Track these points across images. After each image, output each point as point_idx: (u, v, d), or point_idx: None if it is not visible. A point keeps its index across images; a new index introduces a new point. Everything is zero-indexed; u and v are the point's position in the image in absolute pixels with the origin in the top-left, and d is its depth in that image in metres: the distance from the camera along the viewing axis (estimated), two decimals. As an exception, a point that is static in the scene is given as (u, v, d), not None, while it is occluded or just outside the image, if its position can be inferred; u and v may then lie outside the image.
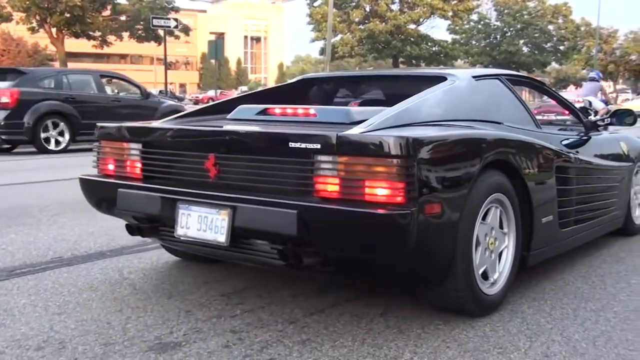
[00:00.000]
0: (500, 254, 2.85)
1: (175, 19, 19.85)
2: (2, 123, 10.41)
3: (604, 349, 2.41)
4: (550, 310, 2.83)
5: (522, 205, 2.91)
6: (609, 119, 4.62)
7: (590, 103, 13.81)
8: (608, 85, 61.49)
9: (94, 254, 3.74)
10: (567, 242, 3.44)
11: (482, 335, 2.52)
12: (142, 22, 28.71)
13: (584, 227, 3.62)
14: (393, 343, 2.42)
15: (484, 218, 2.70)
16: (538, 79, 4.50)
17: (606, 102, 14.97)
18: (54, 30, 27.51)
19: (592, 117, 11.61)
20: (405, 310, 2.77)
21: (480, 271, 2.69)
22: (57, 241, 4.04)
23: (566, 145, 3.60)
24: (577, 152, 3.63)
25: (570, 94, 20.49)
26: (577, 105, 13.20)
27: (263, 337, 2.46)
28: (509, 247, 2.89)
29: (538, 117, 3.72)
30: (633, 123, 4.54)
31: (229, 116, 3.31)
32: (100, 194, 3.15)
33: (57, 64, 33.72)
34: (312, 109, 2.99)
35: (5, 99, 10.49)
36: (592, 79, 15.04)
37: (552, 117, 12.25)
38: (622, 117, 4.58)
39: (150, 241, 3.93)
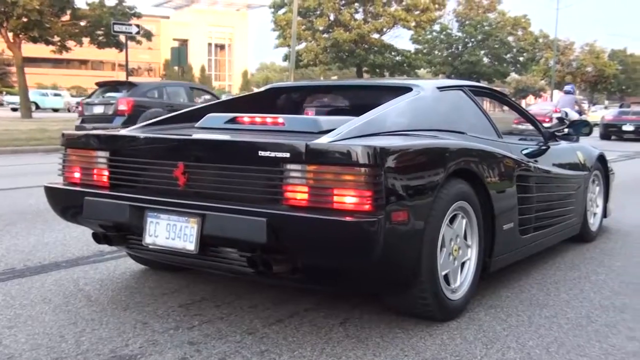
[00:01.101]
0: (462, 265, 2.91)
1: (137, 25, 19.63)
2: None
3: (556, 355, 2.45)
4: (506, 317, 2.87)
5: (484, 212, 2.98)
6: (566, 130, 4.74)
7: (566, 114, 14.98)
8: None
9: (49, 264, 3.65)
10: (527, 248, 3.53)
11: (439, 343, 2.54)
12: (103, 28, 28.25)
13: (543, 234, 3.71)
14: (352, 352, 2.42)
15: (451, 222, 2.77)
16: (499, 89, 4.59)
17: (580, 113, 16.26)
18: (10, 34, 26.89)
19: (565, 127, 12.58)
20: (365, 320, 2.78)
21: (443, 273, 2.74)
22: (10, 252, 3.93)
23: (526, 155, 3.69)
24: (536, 161, 3.72)
25: (548, 104, 21.28)
26: (555, 115, 14.22)
27: (221, 349, 2.44)
28: (471, 259, 2.95)
29: (519, 125, 3.85)
30: (589, 133, 4.67)
31: (197, 124, 3.31)
32: (66, 202, 3.11)
33: (14, 69, 32.95)
34: (281, 118, 3.01)
35: (123, 107, 12.33)
36: (568, 92, 16.31)
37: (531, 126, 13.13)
38: (579, 127, 4.73)
39: (107, 251, 3.88)
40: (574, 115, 15.12)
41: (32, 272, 3.49)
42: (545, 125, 4.75)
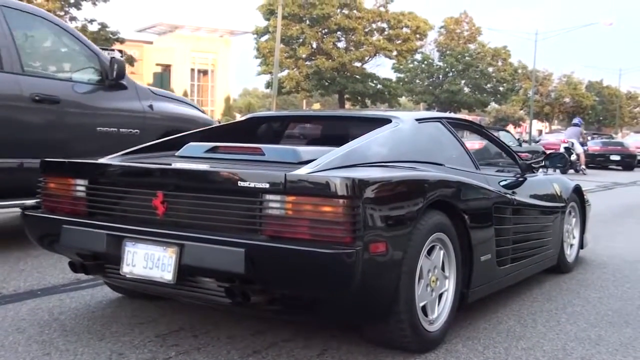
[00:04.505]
0: (440, 296, 2.92)
1: (120, 50, 19.64)
2: None
3: (533, 388, 2.46)
4: (483, 349, 2.88)
5: (462, 244, 3.00)
6: (542, 162, 4.84)
7: (573, 144, 16.91)
8: (545, 126, 64.08)
9: (24, 293, 3.60)
10: (505, 279, 3.55)
11: (417, 375, 2.54)
12: (85, 53, 28.31)
13: (521, 265, 3.74)
14: (329, 385, 2.41)
15: (429, 253, 2.79)
16: (477, 120, 4.70)
17: (583, 144, 17.85)
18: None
19: (573, 157, 14.07)
20: (343, 351, 2.77)
21: (421, 305, 2.74)
22: (-15, 279, 3.87)
23: (503, 186, 3.73)
24: (513, 192, 3.76)
25: (557, 135, 23.31)
26: (563, 146, 16.33)
27: (197, 380, 2.41)
28: (449, 290, 2.96)
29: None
30: (564, 166, 4.76)
31: (177, 153, 3.31)
32: (44, 230, 3.08)
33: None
34: (261, 148, 3.03)
35: None
36: (575, 125, 18.84)
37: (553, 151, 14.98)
38: (555, 160, 4.83)
39: (84, 279, 3.83)
40: (579, 148, 17.05)
41: (6, 300, 3.44)
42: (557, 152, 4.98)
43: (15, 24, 4.71)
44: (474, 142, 4.25)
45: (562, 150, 16.30)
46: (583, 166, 18.14)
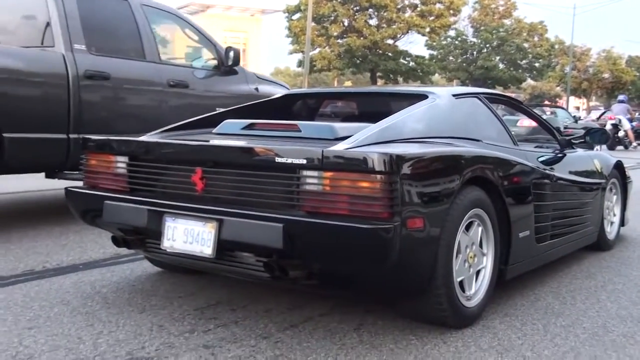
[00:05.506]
0: (478, 272, 2.90)
1: (154, 30, 19.78)
2: None
3: (573, 364, 2.44)
4: (521, 325, 2.86)
5: (500, 220, 2.97)
6: (583, 138, 4.76)
7: (620, 120, 17.19)
8: (582, 103, 62.74)
9: (66, 267, 3.69)
10: (543, 256, 3.51)
11: (454, 350, 2.54)
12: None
13: (560, 242, 3.69)
14: (366, 358, 2.43)
15: (467, 229, 2.77)
16: (514, 96, 4.61)
17: (631, 120, 17.98)
18: None
19: (620, 134, 14.17)
20: (379, 326, 2.78)
21: (459, 280, 2.73)
22: (29, 253, 3.98)
23: (542, 162, 3.67)
24: (552, 168, 3.70)
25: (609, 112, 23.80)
26: (610, 122, 16.72)
27: (236, 353, 2.45)
28: (487, 267, 2.94)
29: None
30: (606, 141, 4.67)
31: (214, 130, 3.33)
32: (87, 206, 3.16)
33: None
34: (297, 124, 3.03)
35: None
36: (621, 101, 18.51)
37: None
38: (596, 135, 4.73)
39: (124, 254, 3.91)
40: (626, 124, 17.38)
41: (50, 273, 3.53)
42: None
43: (152, 19, 5.56)
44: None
45: (609, 127, 16.20)
46: (634, 143, 18.07)
